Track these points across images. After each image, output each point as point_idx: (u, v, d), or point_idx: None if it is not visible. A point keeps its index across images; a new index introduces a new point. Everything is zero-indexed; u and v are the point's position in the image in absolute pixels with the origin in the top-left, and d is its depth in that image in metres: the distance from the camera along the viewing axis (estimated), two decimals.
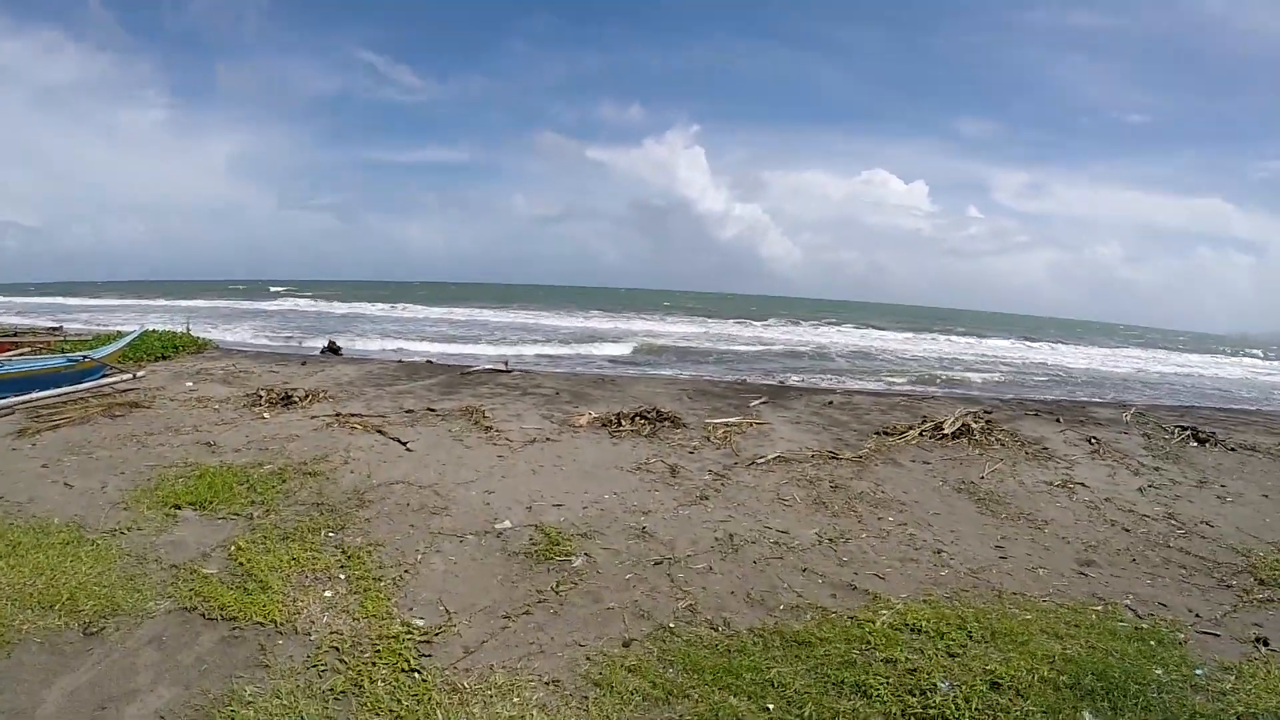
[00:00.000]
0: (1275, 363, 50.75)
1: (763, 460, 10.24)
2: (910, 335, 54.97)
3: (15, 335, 24.15)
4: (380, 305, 64.52)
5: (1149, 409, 16.98)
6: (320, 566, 6.21)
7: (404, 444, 10.39)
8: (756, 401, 14.80)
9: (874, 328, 61.30)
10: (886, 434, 12.13)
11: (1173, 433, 13.27)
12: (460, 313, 55.55)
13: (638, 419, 12.03)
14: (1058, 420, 14.29)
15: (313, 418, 11.93)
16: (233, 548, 6.54)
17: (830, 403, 15.34)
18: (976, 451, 11.22)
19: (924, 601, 6.04)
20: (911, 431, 12.08)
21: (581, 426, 11.84)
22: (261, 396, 13.10)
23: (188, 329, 23.44)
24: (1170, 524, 8.43)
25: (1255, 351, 62.18)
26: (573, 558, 6.66)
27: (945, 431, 11.96)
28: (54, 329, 29.52)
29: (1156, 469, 10.84)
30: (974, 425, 12.21)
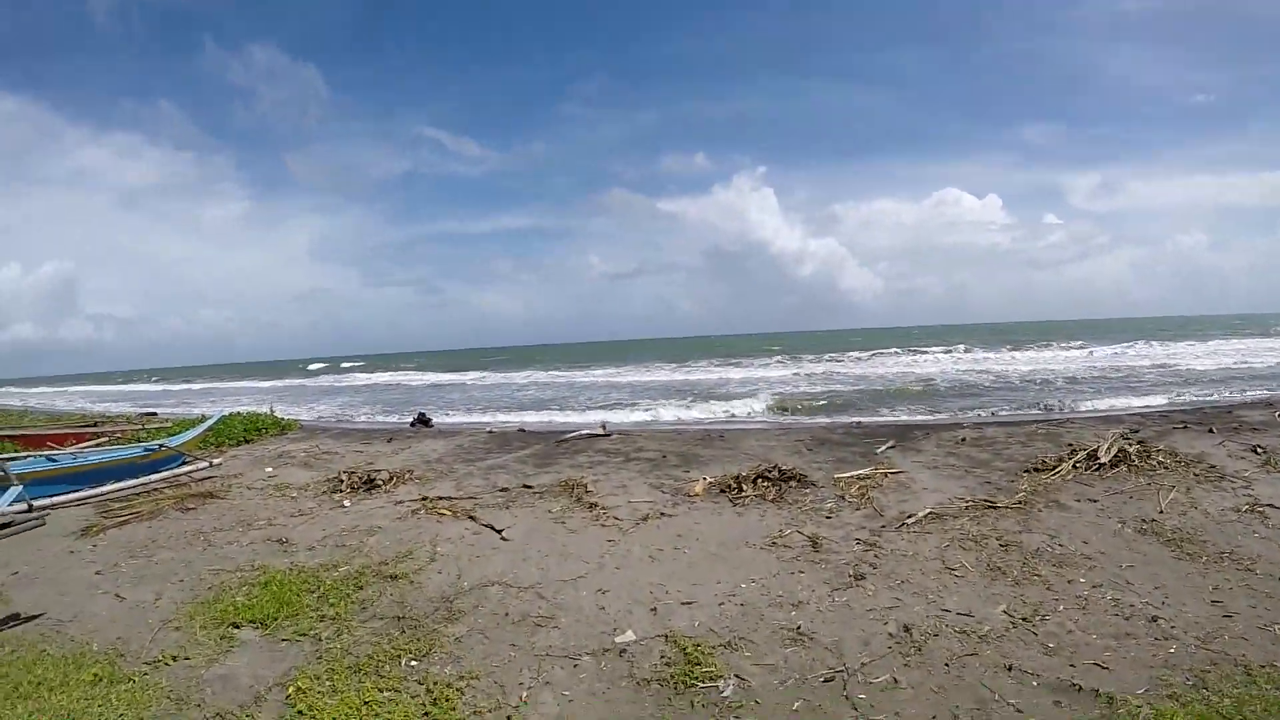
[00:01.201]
0: None
1: (913, 519, 8.66)
2: (1009, 354, 53.75)
3: (95, 424, 23.86)
4: (466, 374, 64.21)
5: None
6: (398, 714, 4.81)
7: (499, 532, 8.99)
8: (883, 447, 13.13)
9: (968, 350, 60.01)
10: (1037, 470, 10.65)
11: None
12: (545, 376, 54.74)
13: (759, 480, 10.47)
14: (1210, 430, 12.75)
15: (397, 503, 10.69)
16: (292, 688, 5.20)
17: (963, 440, 13.58)
18: (1142, 480, 9.73)
19: (1169, 697, 4.61)
20: (1064, 465, 10.58)
21: (697, 495, 10.33)
22: (343, 481, 12.02)
23: (271, 410, 22.91)
24: None
25: None
26: (720, 681, 5.13)
27: (1101, 460, 10.46)
28: (149, 414, 29.80)
29: None
30: (1130, 449, 10.76)
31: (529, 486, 11.39)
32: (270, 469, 14.15)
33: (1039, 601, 6.24)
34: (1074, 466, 10.48)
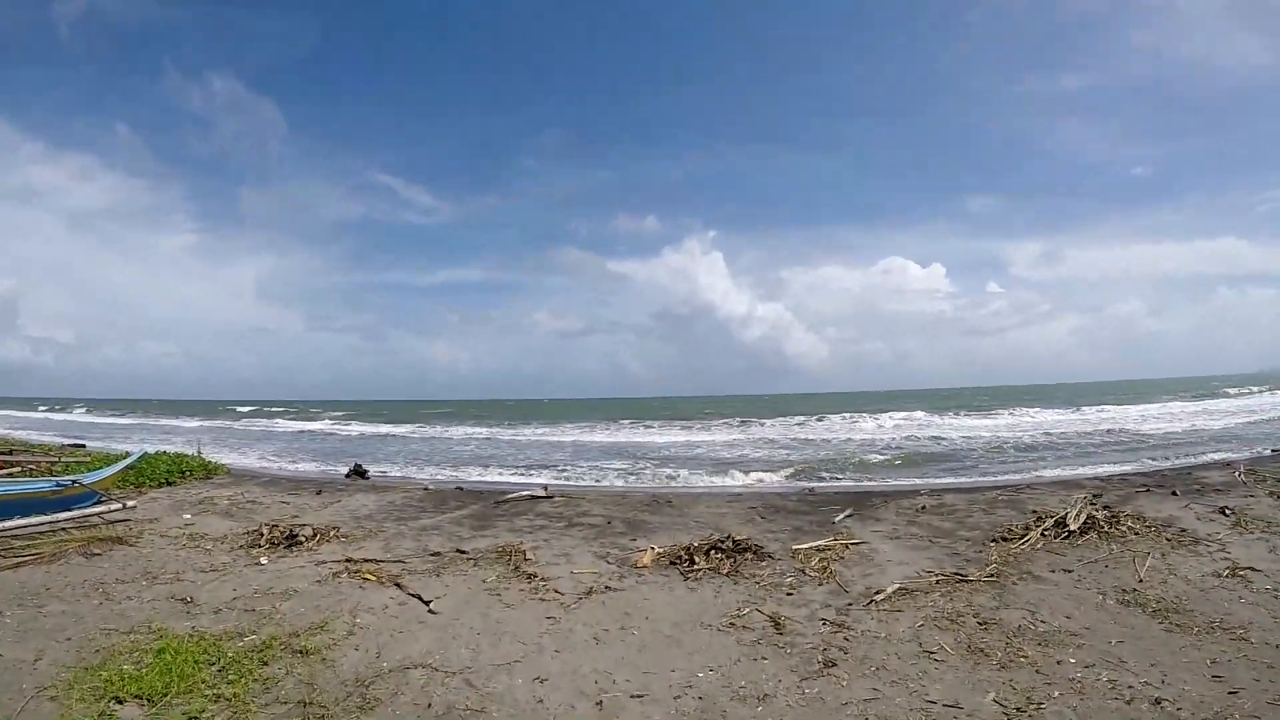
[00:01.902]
0: None
1: (881, 596, 8.12)
2: (958, 420, 54.62)
3: (10, 453, 22.63)
4: (407, 426, 62.64)
5: (1254, 463, 16.47)
6: None
7: (426, 603, 8.16)
8: (841, 516, 12.67)
9: (923, 413, 60.23)
10: (1004, 540, 10.38)
11: None
12: (489, 432, 53.38)
13: (712, 552, 9.84)
14: (1174, 493, 13.13)
15: (319, 563, 9.83)
16: None
17: (923, 508, 13.24)
18: (1114, 547, 9.60)
19: None
20: (1031, 533, 10.36)
21: (645, 566, 9.63)
22: (263, 534, 11.15)
23: (199, 452, 21.86)
24: None
25: None
26: None
27: (1071, 528, 10.25)
28: (76, 445, 28.73)
29: None
30: (1098, 515, 10.59)
31: (463, 552, 10.62)
32: (189, 516, 13.23)
33: (1030, 687, 5.75)
34: (1042, 535, 10.25)
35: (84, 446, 28.96)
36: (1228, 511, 11.10)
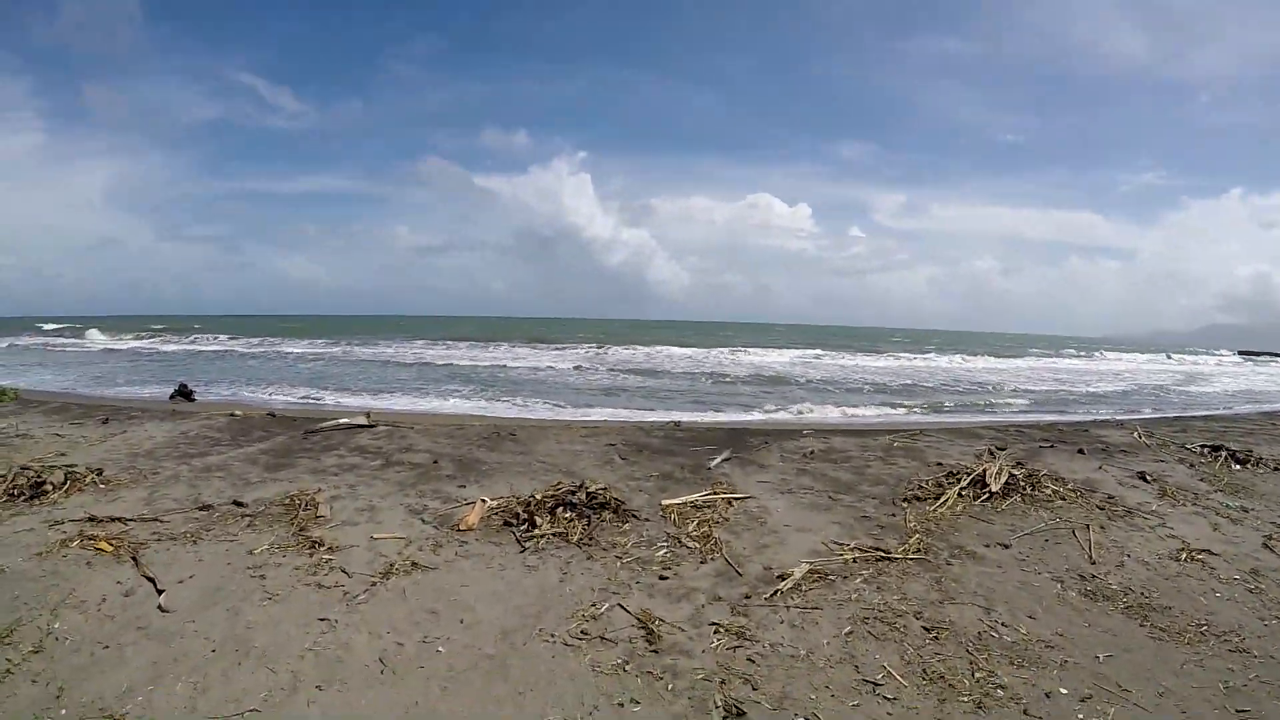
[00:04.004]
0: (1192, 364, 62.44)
1: (787, 581, 6.29)
2: (814, 355, 55.57)
3: None
4: (253, 340, 58.96)
5: (1147, 424, 16.21)
6: None
7: (159, 592, 5.97)
8: (717, 459, 11.00)
9: (777, 348, 61.36)
10: (917, 499, 8.97)
11: (1204, 455, 11.89)
12: (334, 350, 50.08)
13: (560, 509, 7.83)
14: (1081, 451, 12.18)
15: (53, 524, 7.46)
16: None
17: (811, 453, 11.72)
18: (1044, 514, 8.29)
19: None
20: (948, 493, 8.93)
21: (472, 528, 7.66)
22: (5, 481, 8.69)
23: None
24: None
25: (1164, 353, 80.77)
26: None
27: (992, 489, 8.93)
28: None
29: (1244, 509, 8.78)
30: (1018, 475, 9.33)
31: (241, 504, 8.44)
32: None
33: None
34: (960, 495, 8.92)
35: None
36: (1147, 478, 10.19)
